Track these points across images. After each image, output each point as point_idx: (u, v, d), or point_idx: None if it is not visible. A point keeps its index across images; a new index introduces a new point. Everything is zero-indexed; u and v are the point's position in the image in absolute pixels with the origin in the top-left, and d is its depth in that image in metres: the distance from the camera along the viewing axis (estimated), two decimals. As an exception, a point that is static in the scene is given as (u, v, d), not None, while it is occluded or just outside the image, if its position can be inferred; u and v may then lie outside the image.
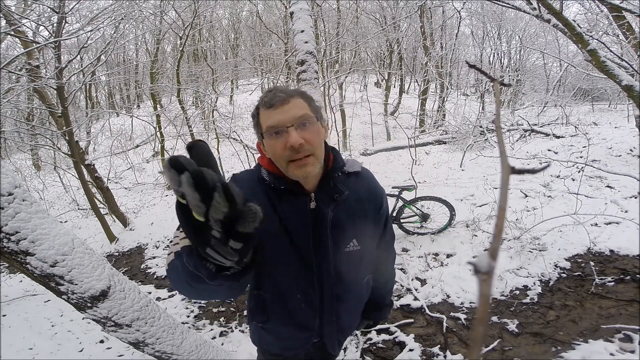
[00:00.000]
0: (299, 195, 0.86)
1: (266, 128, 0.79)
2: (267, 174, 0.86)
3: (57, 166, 7.03)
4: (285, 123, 0.76)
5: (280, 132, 0.77)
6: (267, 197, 0.86)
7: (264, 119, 0.80)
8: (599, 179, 4.14)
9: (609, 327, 2.11)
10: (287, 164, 0.79)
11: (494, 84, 0.46)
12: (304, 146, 0.76)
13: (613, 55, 2.82)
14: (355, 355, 2.18)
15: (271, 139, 0.78)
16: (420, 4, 7.44)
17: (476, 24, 12.67)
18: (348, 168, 0.91)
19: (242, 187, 0.80)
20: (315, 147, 0.79)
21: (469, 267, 0.33)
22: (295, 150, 0.76)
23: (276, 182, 0.85)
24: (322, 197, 0.87)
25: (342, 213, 0.88)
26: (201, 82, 10.41)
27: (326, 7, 9.07)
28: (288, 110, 0.77)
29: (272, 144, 0.79)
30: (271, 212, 0.85)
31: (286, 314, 0.95)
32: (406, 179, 5.16)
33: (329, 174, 0.87)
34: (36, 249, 1.21)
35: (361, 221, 0.91)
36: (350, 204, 0.89)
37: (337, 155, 0.91)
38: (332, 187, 0.87)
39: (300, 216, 0.86)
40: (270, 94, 0.80)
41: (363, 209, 0.92)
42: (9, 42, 6.31)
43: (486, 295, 0.26)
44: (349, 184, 0.90)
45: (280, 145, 0.77)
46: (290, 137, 0.75)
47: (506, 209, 0.29)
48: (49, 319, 2.93)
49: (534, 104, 10.81)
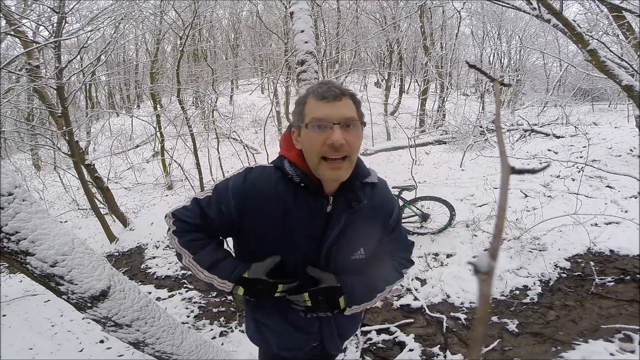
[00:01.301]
0: (318, 196, 0.84)
1: (312, 119, 0.77)
2: (289, 166, 0.84)
3: (57, 166, 7.03)
4: (332, 119, 0.76)
5: (324, 127, 0.76)
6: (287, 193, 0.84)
7: (312, 109, 0.79)
8: (599, 179, 4.14)
9: (609, 327, 2.11)
10: (320, 160, 0.78)
11: (494, 84, 0.46)
12: (343, 147, 0.75)
13: (613, 55, 2.82)
14: (355, 355, 2.18)
15: (313, 131, 0.77)
16: (420, 4, 7.44)
17: (476, 24, 12.68)
18: (370, 178, 0.90)
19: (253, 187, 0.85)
20: (353, 150, 0.78)
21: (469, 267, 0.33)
22: (334, 148, 0.75)
23: (300, 177, 0.83)
24: (339, 203, 0.86)
25: (355, 221, 0.87)
26: (201, 82, 10.39)
27: (326, 7, 9.07)
28: (339, 108, 0.77)
29: (312, 137, 0.78)
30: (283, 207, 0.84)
31: (283, 312, 0.96)
32: (406, 179, 5.16)
33: (351, 181, 0.85)
34: (36, 249, 1.21)
35: (372, 231, 0.91)
36: (364, 213, 0.89)
37: (361, 163, 0.90)
38: (352, 194, 0.86)
39: (313, 217, 0.85)
40: (325, 87, 0.79)
41: (375, 219, 0.92)
42: (9, 42, 6.31)
43: (486, 295, 0.26)
44: (366, 194, 0.89)
45: (320, 140, 0.76)
46: (334, 134, 0.75)
47: (506, 209, 0.29)
48: (49, 319, 2.93)
49: (534, 104, 10.81)
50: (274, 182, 0.84)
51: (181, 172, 5.98)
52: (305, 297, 0.86)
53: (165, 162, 7.04)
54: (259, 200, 0.83)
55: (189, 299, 3.17)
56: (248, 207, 0.84)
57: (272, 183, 0.84)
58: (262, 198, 0.83)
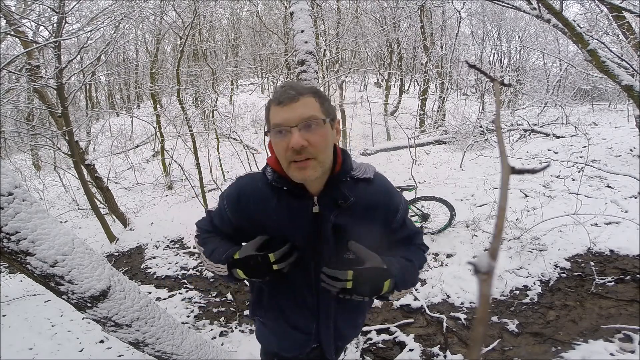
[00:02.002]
0: (302, 198, 0.84)
1: (273, 125, 0.77)
2: (271, 172, 0.85)
3: (57, 166, 7.03)
4: (289, 122, 0.74)
5: (284, 132, 0.75)
6: (269, 198, 0.86)
7: (273, 115, 0.78)
8: (599, 179, 4.14)
9: (609, 327, 2.11)
10: (289, 164, 0.77)
11: (494, 84, 0.46)
12: (305, 148, 0.74)
13: (613, 55, 2.82)
14: (355, 355, 2.18)
15: (276, 137, 0.77)
16: (420, 4, 7.44)
17: (476, 24, 12.68)
18: (357, 174, 0.87)
19: (241, 194, 0.89)
20: (319, 150, 0.76)
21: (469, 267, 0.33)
22: (295, 151, 0.74)
23: (279, 182, 0.83)
24: (325, 202, 0.84)
25: (346, 220, 0.85)
26: (201, 82, 10.39)
27: (326, 7, 9.07)
28: (295, 110, 0.75)
29: (276, 143, 0.78)
30: (268, 212, 0.85)
31: (280, 311, 0.96)
32: (406, 179, 5.16)
33: (335, 179, 0.84)
34: (36, 249, 1.21)
35: (367, 229, 0.87)
36: (356, 211, 0.85)
37: (347, 159, 0.87)
38: (338, 192, 0.84)
39: (300, 219, 0.84)
40: (281, 90, 0.78)
41: (371, 217, 0.87)
42: (9, 42, 6.31)
43: (486, 295, 0.26)
44: (358, 191, 0.86)
45: (283, 145, 0.75)
46: (292, 137, 0.74)
47: (506, 209, 0.29)
48: (49, 319, 2.93)
49: (534, 104, 10.81)
50: (260, 187, 0.87)
51: (181, 172, 5.98)
52: (349, 276, 0.76)
53: (165, 162, 7.04)
54: (249, 204, 0.88)
55: (189, 299, 3.17)
56: (239, 212, 0.89)
57: (258, 189, 0.87)
58: (250, 203, 0.88)
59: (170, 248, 4.42)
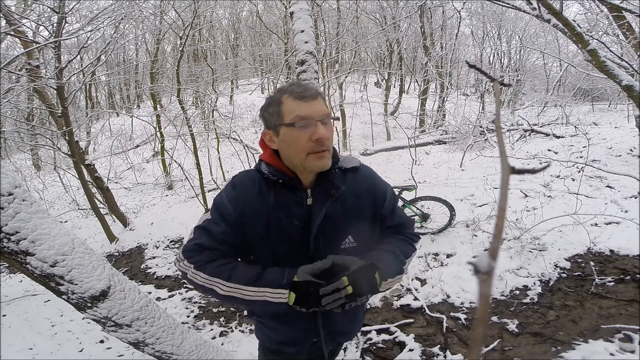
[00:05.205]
0: (296, 190, 0.88)
1: (295, 117, 0.81)
2: (266, 167, 0.88)
3: (57, 166, 7.03)
4: (315, 116, 0.81)
5: (307, 125, 0.81)
6: (266, 191, 0.88)
7: (292, 109, 0.82)
8: (599, 179, 4.14)
9: (609, 327, 2.11)
10: (307, 155, 0.82)
11: (494, 84, 0.46)
12: (328, 140, 0.82)
13: (613, 55, 2.82)
14: (355, 355, 2.18)
15: (297, 129, 0.81)
16: (420, 4, 7.44)
17: (476, 24, 12.69)
18: (344, 164, 0.93)
19: (239, 189, 0.89)
20: (330, 143, 0.85)
21: (469, 267, 0.33)
22: (320, 143, 0.80)
23: (275, 175, 0.87)
24: (318, 193, 0.89)
25: (338, 209, 0.89)
26: (201, 82, 10.40)
27: (326, 7, 9.07)
28: (317, 105, 0.82)
29: (295, 135, 0.81)
30: (266, 205, 0.87)
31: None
32: (406, 179, 5.16)
33: (326, 171, 0.88)
34: (36, 249, 1.21)
35: (358, 217, 0.92)
36: (346, 199, 0.90)
37: (335, 152, 0.93)
38: (329, 183, 0.89)
39: (296, 211, 0.87)
40: (300, 87, 0.83)
41: (360, 204, 0.93)
42: (9, 42, 6.30)
43: (486, 295, 0.26)
44: (346, 180, 0.92)
45: (305, 137, 0.80)
46: (318, 130, 0.80)
47: (506, 209, 0.29)
48: (49, 319, 2.93)
49: (534, 104, 10.82)
50: (257, 182, 0.89)
51: (181, 172, 5.98)
52: (345, 282, 0.77)
53: (165, 162, 7.04)
54: (248, 199, 0.89)
55: (189, 299, 3.17)
56: (241, 207, 0.89)
57: (255, 183, 0.89)
58: (249, 197, 0.89)
59: (170, 248, 4.42)
